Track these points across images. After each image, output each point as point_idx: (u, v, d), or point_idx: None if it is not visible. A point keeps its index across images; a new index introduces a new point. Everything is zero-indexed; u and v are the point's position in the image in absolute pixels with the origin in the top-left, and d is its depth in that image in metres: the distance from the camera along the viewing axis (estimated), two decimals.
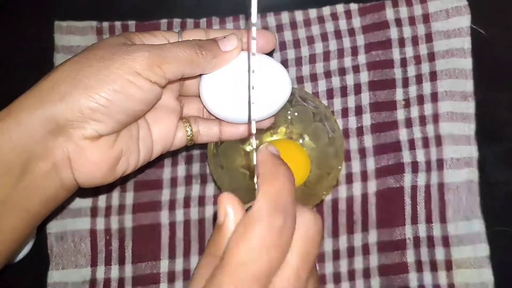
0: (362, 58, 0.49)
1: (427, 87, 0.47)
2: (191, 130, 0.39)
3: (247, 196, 0.43)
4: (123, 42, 0.34)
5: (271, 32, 0.39)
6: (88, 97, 0.31)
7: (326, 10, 0.50)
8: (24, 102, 0.31)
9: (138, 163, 0.37)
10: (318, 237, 0.26)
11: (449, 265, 0.43)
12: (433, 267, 0.43)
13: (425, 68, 0.48)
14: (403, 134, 0.47)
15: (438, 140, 0.46)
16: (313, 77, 0.49)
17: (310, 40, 0.50)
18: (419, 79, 0.48)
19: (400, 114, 0.47)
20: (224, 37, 0.36)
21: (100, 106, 0.32)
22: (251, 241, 0.24)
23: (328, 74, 0.49)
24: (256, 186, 0.27)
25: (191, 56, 0.34)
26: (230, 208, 0.26)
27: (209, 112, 0.39)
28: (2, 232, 0.32)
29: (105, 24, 0.51)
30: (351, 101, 0.48)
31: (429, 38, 0.49)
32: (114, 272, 0.45)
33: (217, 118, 0.39)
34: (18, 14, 0.52)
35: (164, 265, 0.44)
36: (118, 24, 0.51)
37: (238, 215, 0.26)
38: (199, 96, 0.38)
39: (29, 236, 0.42)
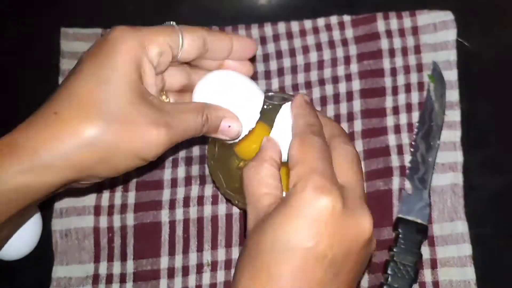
0: (354, 67, 0.52)
1: (415, 96, 0.50)
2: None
3: (242, 194, 0.45)
4: (140, 95, 0.33)
5: (250, 38, 0.40)
6: (91, 172, 0.34)
7: (321, 21, 0.53)
8: (43, 160, 0.32)
9: None
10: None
11: (434, 264, 0.46)
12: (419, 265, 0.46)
13: (414, 78, 0.51)
14: (391, 139, 0.49)
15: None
16: (308, 85, 0.51)
17: (305, 50, 0.52)
18: (407, 88, 0.51)
19: (390, 121, 0.50)
20: (230, 122, 0.38)
21: (102, 178, 0.35)
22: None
23: (322, 82, 0.51)
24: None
25: (196, 131, 0.36)
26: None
27: None
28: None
29: None
30: (343, 108, 0.50)
31: (417, 49, 0.51)
32: (116, 268, 0.47)
33: None
34: (26, 21, 0.54)
35: (164, 262, 0.47)
36: None
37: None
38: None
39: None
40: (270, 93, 0.48)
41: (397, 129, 0.49)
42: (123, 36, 0.34)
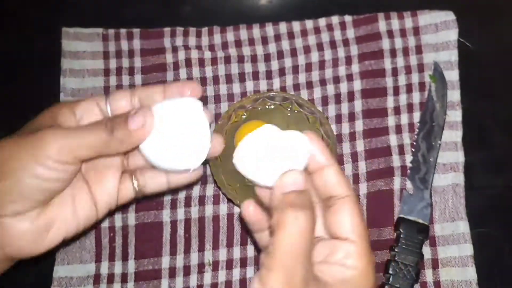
0: (355, 67, 0.52)
1: (416, 96, 0.50)
2: (138, 183, 0.37)
3: (243, 193, 0.46)
4: (47, 124, 0.34)
5: (190, 81, 0.39)
6: (1, 182, 0.32)
7: (322, 22, 0.53)
8: None
9: (78, 227, 0.35)
10: None
11: (435, 264, 0.46)
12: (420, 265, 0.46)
13: (415, 78, 0.51)
14: (393, 139, 0.49)
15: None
16: (309, 85, 0.51)
17: (307, 50, 0.52)
18: (409, 88, 0.51)
19: (391, 121, 0.50)
20: (135, 113, 0.34)
21: (13, 189, 0.32)
22: None
23: (323, 82, 0.51)
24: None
25: (104, 141, 0.33)
26: None
27: (150, 163, 0.36)
28: None
29: (111, 31, 0.53)
30: (344, 108, 0.50)
31: (419, 50, 0.51)
32: (118, 267, 0.47)
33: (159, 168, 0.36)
34: (28, 21, 0.54)
35: (165, 261, 0.47)
36: (123, 31, 0.53)
37: None
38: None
39: None
40: (271, 93, 0.48)
41: (399, 129, 0.49)
42: (55, 105, 0.36)
